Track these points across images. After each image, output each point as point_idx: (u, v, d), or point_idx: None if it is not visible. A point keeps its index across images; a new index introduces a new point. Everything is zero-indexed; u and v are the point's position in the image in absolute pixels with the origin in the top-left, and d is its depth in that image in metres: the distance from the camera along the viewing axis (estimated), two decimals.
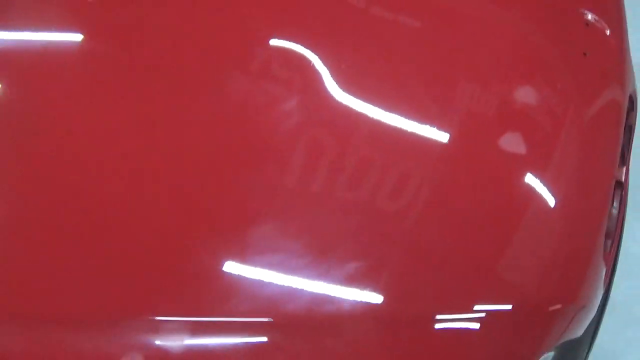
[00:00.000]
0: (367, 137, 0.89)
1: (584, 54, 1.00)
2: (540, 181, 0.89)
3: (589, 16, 1.05)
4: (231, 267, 0.81)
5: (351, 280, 0.80)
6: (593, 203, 0.91)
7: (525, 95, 0.94)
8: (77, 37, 0.98)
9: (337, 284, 0.80)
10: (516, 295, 0.82)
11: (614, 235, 1.12)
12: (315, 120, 0.91)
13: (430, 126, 0.90)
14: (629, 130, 1.14)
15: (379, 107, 0.91)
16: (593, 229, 0.90)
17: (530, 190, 0.87)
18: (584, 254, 0.88)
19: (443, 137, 0.89)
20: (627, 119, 1.13)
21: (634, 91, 1.08)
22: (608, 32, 1.04)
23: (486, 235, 0.84)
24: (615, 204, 1.16)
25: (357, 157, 0.88)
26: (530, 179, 0.88)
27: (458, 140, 0.89)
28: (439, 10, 1.01)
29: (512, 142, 0.89)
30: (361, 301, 0.79)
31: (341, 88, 0.92)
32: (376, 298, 0.79)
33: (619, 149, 0.99)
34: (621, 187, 1.16)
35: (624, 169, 1.17)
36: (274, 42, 0.96)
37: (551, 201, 0.88)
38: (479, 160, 0.89)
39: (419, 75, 0.95)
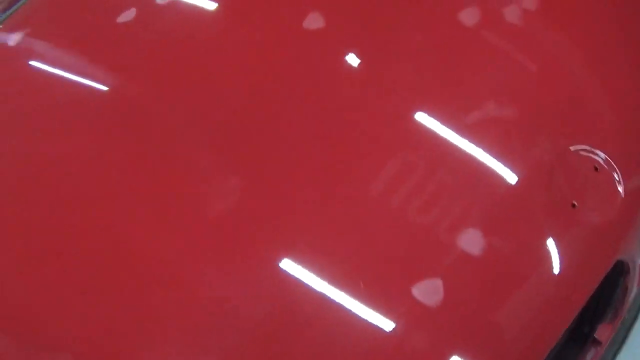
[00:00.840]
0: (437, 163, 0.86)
1: (573, 205, 0.83)
2: None
3: (601, 158, 0.86)
4: None
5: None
6: None
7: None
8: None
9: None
10: None
11: None
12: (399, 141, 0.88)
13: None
14: (624, 290, 0.96)
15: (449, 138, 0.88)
16: None
17: None
18: None
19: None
20: (624, 280, 0.95)
21: (632, 259, 0.89)
22: (621, 189, 0.85)
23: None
24: None
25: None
26: None
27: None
28: None
29: None
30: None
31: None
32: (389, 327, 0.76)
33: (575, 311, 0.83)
34: (597, 344, 1.00)
35: (609, 326, 1.00)
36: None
37: None
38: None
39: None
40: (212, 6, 1.02)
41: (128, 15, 1.03)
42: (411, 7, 0.99)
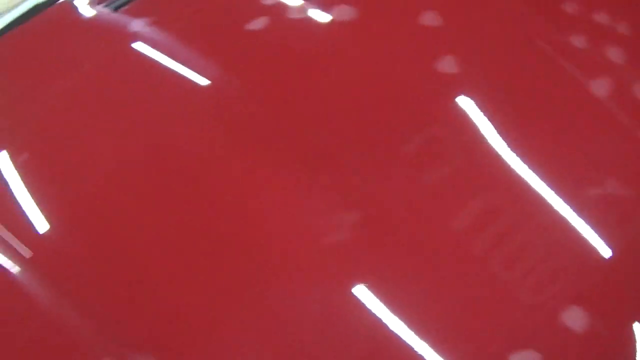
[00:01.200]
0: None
1: None
2: None
3: None
4: None
5: None
6: None
7: None
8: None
9: None
10: None
11: None
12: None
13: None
14: None
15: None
16: None
17: None
18: None
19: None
20: None
21: None
22: None
23: None
24: None
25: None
26: None
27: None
28: None
29: None
30: None
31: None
32: None
33: None
34: None
35: None
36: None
37: None
38: None
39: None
40: (342, 31, 1.03)
41: (257, 23, 1.04)
42: (540, 72, 1.00)
